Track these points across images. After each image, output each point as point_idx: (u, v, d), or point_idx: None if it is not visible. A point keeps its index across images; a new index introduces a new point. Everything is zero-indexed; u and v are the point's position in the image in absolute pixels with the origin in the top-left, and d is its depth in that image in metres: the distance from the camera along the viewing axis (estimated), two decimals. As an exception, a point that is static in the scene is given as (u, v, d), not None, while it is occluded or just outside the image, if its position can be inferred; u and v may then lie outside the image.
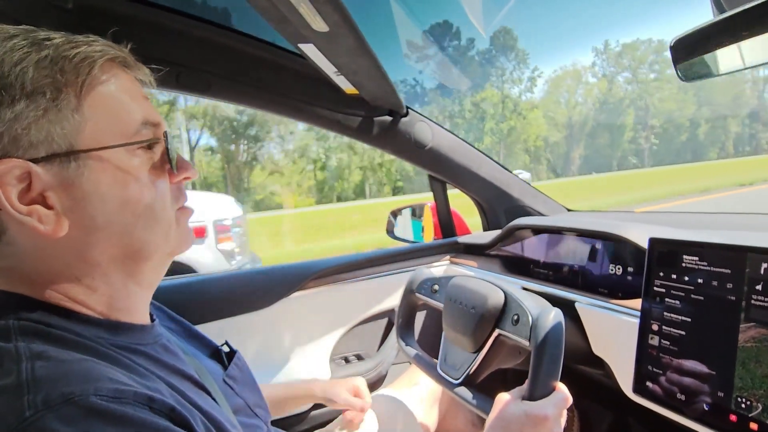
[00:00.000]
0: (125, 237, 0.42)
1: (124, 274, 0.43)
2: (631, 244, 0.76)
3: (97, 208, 0.40)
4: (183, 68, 0.82)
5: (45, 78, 0.37)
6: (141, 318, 0.47)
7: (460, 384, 0.75)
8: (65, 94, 0.38)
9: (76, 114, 0.38)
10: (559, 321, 0.61)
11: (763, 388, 0.50)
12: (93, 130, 0.39)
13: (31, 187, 0.37)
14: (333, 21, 0.60)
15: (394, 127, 1.08)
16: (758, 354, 0.51)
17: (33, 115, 0.36)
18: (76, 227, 0.39)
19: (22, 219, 0.37)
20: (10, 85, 0.36)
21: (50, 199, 0.38)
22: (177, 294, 0.97)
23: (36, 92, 0.37)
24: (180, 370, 0.45)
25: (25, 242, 0.39)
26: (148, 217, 0.43)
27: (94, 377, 0.33)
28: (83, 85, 0.39)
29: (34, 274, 0.40)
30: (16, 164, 0.36)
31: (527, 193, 1.31)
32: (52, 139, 0.37)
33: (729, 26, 0.48)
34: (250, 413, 0.57)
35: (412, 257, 1.23)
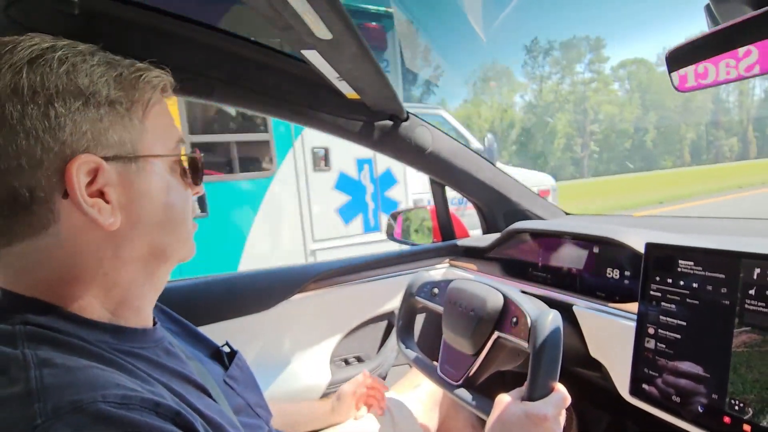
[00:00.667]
0: (157, 237, 0.46)
1: (145, 272, 0.47)
2: (628, 249, 0.77)
3: (144, 207, 0.45)
4: (187, 73, 0.83)
5: (121, 91, 0.43)
6: (145, 320, 0.48)
7: (459, 386, 0.76)
8: (136, 107, 0.45)
9: (141, 124, 0.45)
10: (558, 323, 0.62)
11: (754, 393, 0.52)
12: (150, 140, 0.46)
13: (95, 181, 0.41)
14: (337, 29, 0.61)
15: (395, 131, 1.10)
16: (749, 359, 0.53)
17: (111, 120, 0.42)
18: (125, 222, 0.43)
19: (87, 209, 0.40)
20: (98, 92, 0.41)
21: (109, 194, 0.42)
22: (178, 296, 0.97)
23: (115, 102, 0.43)
24: (181, 374, 0.46)
25: (70, 235, 0.41)
26: (176, 222, 0.49)
27: (101, 384, 0.34)
28: (148, 102, 0.46)
29: (61, 269, 0.41)
30: (92, 159, 0.41)
31: (526, 197, 1.32)
32: (122, 142, 0.43)
33: (723, 38, 0.49)
34: (252, 413, 0.58)
35: (411, 260, 1.24)
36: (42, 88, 0.38)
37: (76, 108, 0.40)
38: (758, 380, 0.52)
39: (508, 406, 0.60)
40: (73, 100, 0.40)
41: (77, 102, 0.40)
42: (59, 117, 0.39)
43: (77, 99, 0.40)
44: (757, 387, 0.52)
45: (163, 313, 0.64)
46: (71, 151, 0.40)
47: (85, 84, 0.41)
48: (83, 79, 0.40)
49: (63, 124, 0.39)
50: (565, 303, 0.84)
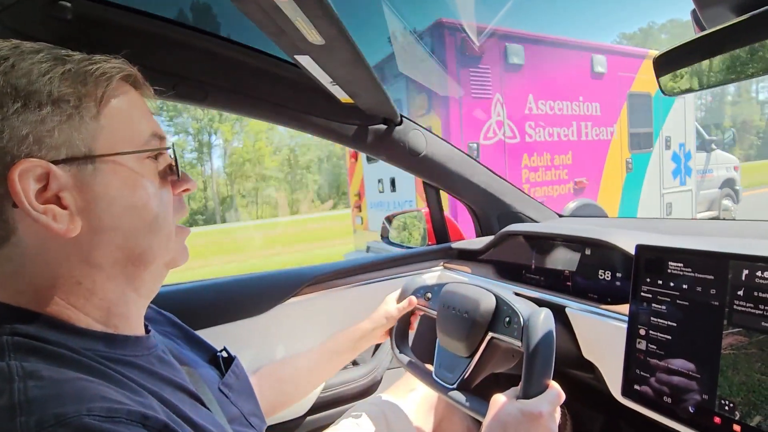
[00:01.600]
0: (129, 240, 0.44)
1: (124, 278, 0.45)
2: (619, 251, 0.78)
3: (105, 210, 0.42)
4: (180, 78, 0.83)
5: (68, 88, 0.40)
6: (136, 328, 0.48)
7: (454, 389, 0.76)
8: (86, 103, 0.41)
9: (94, 122, 0.42)
10: (550, 321, 0.63)
11: (740, 396, 0.52)
12: (108, 138, 0.43)
13: (48, 187, 0.39)
14: (329, 34, 0.62)
15: (389, 135, 1.10)
16: (735, 362, 0.53)
17: (57, 120, 0.40)
18: (86, 228, 0.41)
19: (37, 217, 0.38)
20: (38, 91, 0.39)
21: (65, 200, 0.40)
22: (172, 300, 0.97)
23: (61, 100, 0.40)
24: (174, 382, 0.46)
25: (32, 243, 0.40)
26: (151, 224, 0.45)
27: (87, 396, 0.33)
28: (102, 96, 0.42)
29: (36, 279, 0.40)
30: (38, 164, 0.38)
31: (519, 200, 1.33)
32: (72, 143, 0.40)
33: (709, 43, 0.50)
34: (245, 423, 0.58)
35: (406, 263, 1.25)
36: None
37: (14, 111, 0.37)
38: (744, 383, 0.52)
39: (504, 405, 0.60)
40: (10, 103, 0.37)
41: (15, 105, 0.38)
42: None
43: (15, 101, 0.38)
44: (744, 390, 0.52)
45: (161, 315, 0.63)
46: (11, 157, 0.37)
47: (21, 84, 0.38)
48: (20, 79, 0.38)
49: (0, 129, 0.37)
50: (558, 305, 0.84)
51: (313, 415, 1.05)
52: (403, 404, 0.95)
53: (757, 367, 0.52)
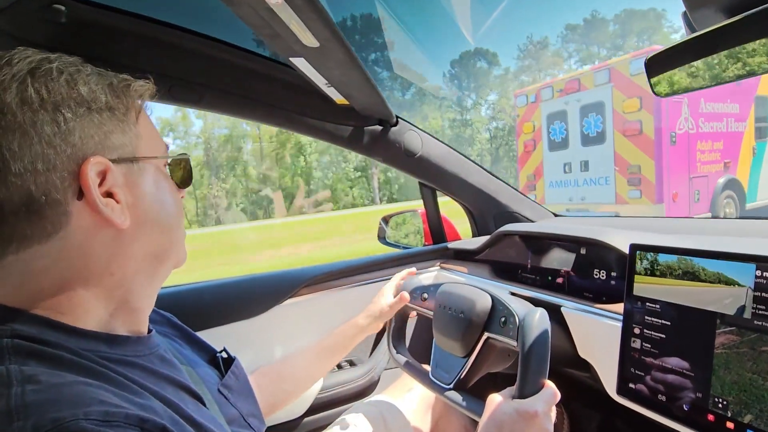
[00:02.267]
0: (161, 235, 0.49)
1: (150, 272, 0.49)
2: (614, 250, 0.78)
3: (148, 206, 0.47)
4: (175, 80, 0.83)
5: (116, 98, 0.46)
6: (141, 327, 0.49)
7: (451, 389, 0.76)
8: (129, 113, 0.47)
9: (135, 128, 0.47)
10: (545, 320, 0.63)
11: (732, 395, 0.53)
12: (145, 143, 0.48)
13: (104, 182, 0.43)
14: (323, 36, 0.62)
15: (385, 136, 1.10)
16: (727, 361, 0.54)
17: (112, 125, 0.45)
18: (132, 221, 0.45)
19: (102, 209, 0.42)
20: (98, 98, 0.44)
21: (118, 195, 0.44)
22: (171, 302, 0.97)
23: (113, 108, 0.45)
24: (176, 381, 0.46)
25: (80, 236, 0.42)
26: (172, 223, 0.51)
27: (85, 401, 0.33)
28: (139, 109, 0.48)
29: (67, 272, 0.42)
30: (101, 161, 0.42)
31: (515, 200, 1.33)
32: (124, 145, 0.45)
33: (700, 45, 0.51)
34: (244, 424, 0.58)
35: (403, 263, 1.25)
36: (48, 96, 0.40)
37: (82, 113, 0.42)
38: (736, 382, 0.53)
39: (500, 404, 0.60)
40: (77, 106, 0.42)
41: (81, 108, 0.42)
42: (68, 122, 0.41)
43: (81, 105, 0.42)
44: (735, 389, 0.53)
45: (162, 316, 0.64)
46: (82, 153, 0.41)
47: (85, 91, 0.43)
48: (83, 87, 0.43)
49: (72, 129, 0.41)
50: (554, 304, 0.85)
51: (310, 416, 1.05)
52: (400, 404, 0.95)
53: (748, 366, 0.52)
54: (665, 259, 0.63)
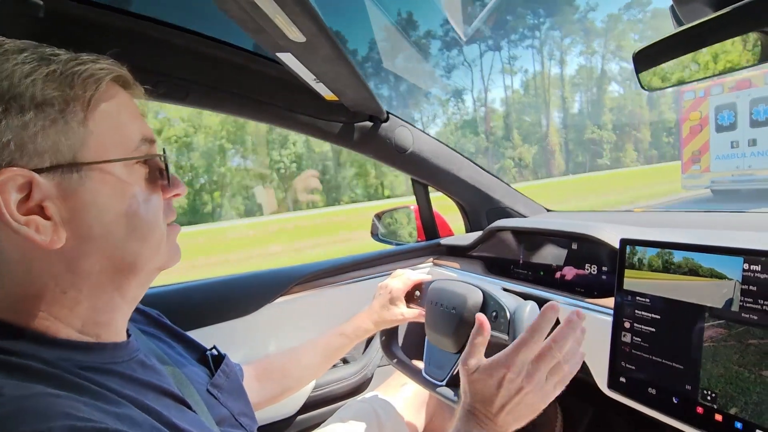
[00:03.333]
0: (119, 249, 0.43)
1: (112, 287, 0.44)
2: (604, 245, 0.78)
3: (94, 219, 0.40)
4: (160, 76, 0.81)
5: (54, 90, 0.38)
6: (117, 334, 0.46)
7: (444, 385, 0.76)
8: (72, 107, 0.39)
9: (81, 127, 0.40)
10: (536, 312, 0.63)
11: (719, 387, 0.53)
12: (96, 144, 0.41)
13: (30, 196, 0.37)
14: (309, 31, 0.61)
15: (375, 132, 1.10)
16: (715, 354, 0.54)
17: (41, 125, 0.37)
18: (71, 237, 0.39)
19: (18, 228, 0.37)
20: (20, 95, 0.37)
21: (49, 210, 0.38)
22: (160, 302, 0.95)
23: (45, 103, 0.38)
24: (157, 386, 0.45)
25: (14, 254, 0.38)
26: (141, 230, 0.44)
27: (49, 414, 0.32)
28: (90, 100, 0.40)
29: (17, 289, 0.39)
30: (19, 173, 0.36)
31: (507, 195, 1.33)
32: (57, 150, 0.38)
33: (687, 38, 0.51)
34: (235, 423, 0.57)
35: (395, 260, 1.25)
36: None
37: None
38: (723, 375, 0.53)
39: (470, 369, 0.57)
40: None
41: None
42: None
43: None
44: (722, 382, 0.53)
45: (146, 314, 0.62)
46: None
47: (3, 87, 0.36)
48: (1, 82, 0.36)
49: None
50: (546, 299, 0.84)
51: (303, 414, 1.04)
52: (394, 401, 0.95)
53: (735, 359, 0.52)
54: (655, 253, 0.63)
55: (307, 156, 33.13)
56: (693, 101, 8.10)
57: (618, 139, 41.06)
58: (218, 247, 12.59)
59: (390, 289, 0.87)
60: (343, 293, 1.15)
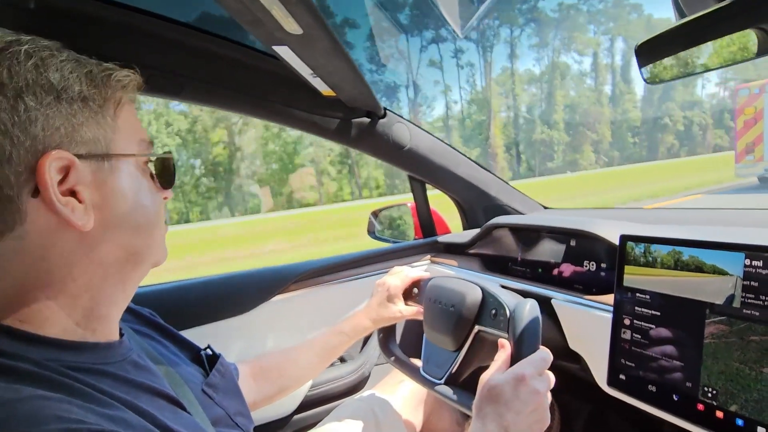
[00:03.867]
0: (132, 238, 0.45)
1: (119, 277, 0.45)
2: (604, 241, 0.78)
3: (116, 207, 0.43)
4: (153, 71, 0.80)
5: (94, 88, 0.42)
6: (111, 333, 0.46)
7: (441, 383, 0.75)
8: (108, 105, 0.44)
9: (113, 123, 0.44)
10: (535, 310, 0.62)
11: (719, 384, 0.53)
12: (122, 139, 0.45)
13: (66, 179, 0.40)
14: (306, 23, 0.60)
15: (372, 128, 1.08)
16: (715, 350, 0.54)
17: (85, 116, 0.41)
18: (97, 224, 0.42)
19: (60, 209, 0.38)
20: (70, 87, 0.40)
21: (81, 194, 0.41)
22: (154, 301, 0.94)
23: (88, 99, 0.42)
24: (151, 388, 0.44)
25: (37, 236, 0.39)
26: (150, 224, 0.47)
27: (41, 418, 0.31)
28: (120, 101, 0.45)
29: (25, 275, 0.39)
30: (65, 156, 0.39)
31: (505, 192, 1.33)
32: (95, 140, 0.42)
33: (690, 30, 0.50)
34: (231, 423, 0.56)
35: (393, 258, 1.24)
36: (9, 81, 0.37)
37: (48, 102, 0.38)
38: (723, 372, 0.53)
39: (490, 377, 0.58)
40: (44, 94, 0.38)
41: (49, 96, 0.39)
42: (29, 111, 0.37)
43: (49, 93, 0.39)
44: (723, 378, 0.53)
45: (139, 314, 0.61)
46: (43, 146, 0.38)
47: (56, 79, 0.39)
48: (54, 73, 0.39)
49: (34, 118, 0.38)
50: (544, 296, 0.84)
51: (300, 414, 1.04)
52: (391, 399, 0.94)
53: (735, 356, 0.52)
54: (655, 250, 0.63)
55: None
56: (747, 97, 9.12)
57: (572, 140, 40.76)
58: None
59: (388, 287, 0.86)
60: (340, 291, 1.14)
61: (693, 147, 47.89)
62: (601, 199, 13.14)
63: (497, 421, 0.54)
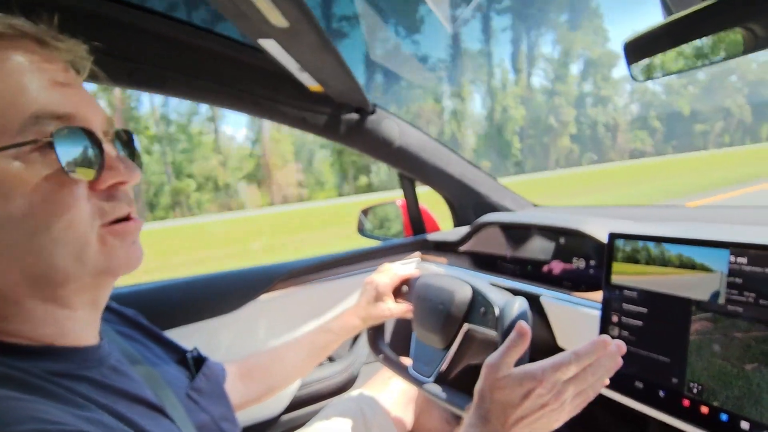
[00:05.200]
0: (19, 260, 0.35)
1: (39, 298, 0.37)
2: (592, 239, 0.78)
3: None
4: (136, 63, 0.77)
5: None
6: (83, 339, 0.42)
7: (431, 382, 0.75)
8: None
9: None
10: (524, 308, 0.62)
11: (702, 380, 0.54)
12: None
13: None
14: (293, 16, 0.58)
15: (362, 124, 1.07)
16: (699, 347, 0.54)
17: None
18: None
19: None
20: None
21: None
22: (138, 300, 0.92)
23: None
24: (130, 393, 0.42)
25: None
26: (44, 237, 0.35)
27: (13, 419, 0.29)
28: None
29: None
30: None
31: (494, 190, 1.33)
32: None
33: (678, 28, 0.50)
34: (216, 429, 0.55)
35: (382, 256, 1.23)
36: None
37: None
38: (706, 368, 0.53)
39: (505, 364, 0.52)
40: None
41: None
42: None
43: None
44: (705, 375, 0.54)
45: (124, 315, 0.59)
46: None
47: None
48: None
49: None
50: (533, 294, 0.84)
51: (288, 414, 1.02)
52: (380, 398, 0.93)
53: (718, 353, 0.53)
54: (642, 247, 0.63)
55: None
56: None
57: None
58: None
59: (376, 285, 0.85)
60: (328, 290, 1.13)
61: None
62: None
63: (501, 419, 0.50)
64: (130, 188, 0.42)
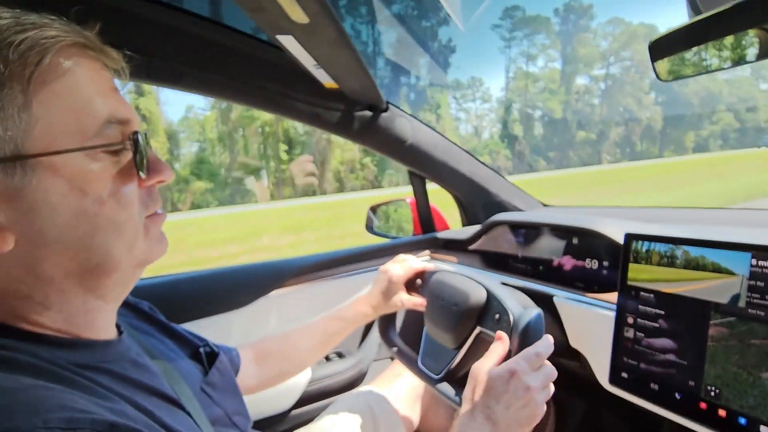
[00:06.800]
0: (82, 251, 0.38)
1: (83, 289, 0.39)
2: (607, 239, 0.78)
3: (46, 221, 0.35)
4: (153, 58, 0.78)
5: None
6: (105, 333, 0.44)
7: (441, 380, 0.75)
8: (8, 89, 0.33)
9: (23, 113, 0.33)
10: (540, 321, 0.62)
11: (716, 386, 0.53)
12: (44, 132, 0.34)
13: None
14: (313, 12, 0.58)
15: (374, 122, 1.07)
16: (714, 354, 0.54)
17: None
18: (23, 241, 0.35)
19: None
20: None
21: None
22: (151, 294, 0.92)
23: None
24: (149, 386, 0.42)
25: None
26: (108, 229, 0.38)
27: (43, 407, 0.29)
28: (31, 77, 0.33)
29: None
30: None
31: (504, 189, 1.32)
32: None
33: (704, 28, 0.49)
34: (228, 422, 0.55)
35: (391, 253, 1.23)
36: None
37: None
38: (720, 376, 0.53)
39: (485, 367, 0.58)
40: None
41: None
42: None
43: None
44: (719, 383, 0.53)
45: (136, 308, 0.60)
46: None
47: None
48: None
49: None
50: (545, 294, 0.84)
51: (298, 409, 1.03)
52: (388, 395, 0.94)
53: (734, 360, 0.52)
54: (660, 248, 0.62)
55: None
56: None
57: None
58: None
59: (390, 275, 0.84)
60: (338, 286, 1.14)
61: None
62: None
63: (485, 412, 0.54)
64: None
